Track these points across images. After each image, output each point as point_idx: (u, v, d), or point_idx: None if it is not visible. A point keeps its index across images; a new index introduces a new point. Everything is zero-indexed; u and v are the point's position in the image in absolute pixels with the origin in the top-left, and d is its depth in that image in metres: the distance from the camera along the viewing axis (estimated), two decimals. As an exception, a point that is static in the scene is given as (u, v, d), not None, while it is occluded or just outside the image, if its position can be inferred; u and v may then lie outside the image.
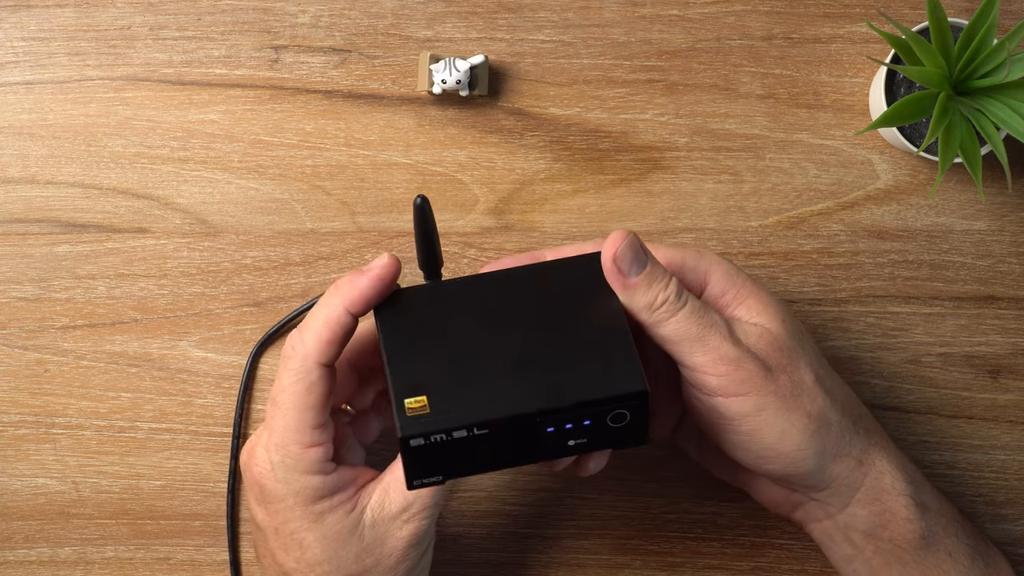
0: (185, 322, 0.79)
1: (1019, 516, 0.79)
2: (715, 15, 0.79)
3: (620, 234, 0.65)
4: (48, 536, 0.79)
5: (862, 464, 0.68)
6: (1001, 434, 0.79)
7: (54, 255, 0.79)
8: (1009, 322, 0.79)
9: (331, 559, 0.66)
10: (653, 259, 0.65)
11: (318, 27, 0.79)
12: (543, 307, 0.65)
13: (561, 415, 0.62)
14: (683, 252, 0.69)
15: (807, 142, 0.79)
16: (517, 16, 0.79)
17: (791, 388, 0.66)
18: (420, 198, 0.63)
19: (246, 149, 0.79)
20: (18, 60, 0.79)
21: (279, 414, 0.65)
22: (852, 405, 0.69)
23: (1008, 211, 0.79)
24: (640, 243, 0.65)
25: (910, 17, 0.79)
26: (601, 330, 0.65)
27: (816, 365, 0.68)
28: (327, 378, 0.65)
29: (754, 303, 0.68)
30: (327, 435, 0.66)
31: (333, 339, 0.65)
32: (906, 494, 0.68)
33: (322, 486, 0.66)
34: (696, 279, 0.68)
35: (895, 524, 0.68)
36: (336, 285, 0.65)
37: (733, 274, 0.68)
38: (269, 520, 0.67)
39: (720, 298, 0.68)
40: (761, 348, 0.66)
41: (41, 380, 0.79)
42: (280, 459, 0.66)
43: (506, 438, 0.62)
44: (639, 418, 0.63)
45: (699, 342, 0.65)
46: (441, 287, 0.67)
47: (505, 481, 0.80)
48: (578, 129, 0.79)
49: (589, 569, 0.80)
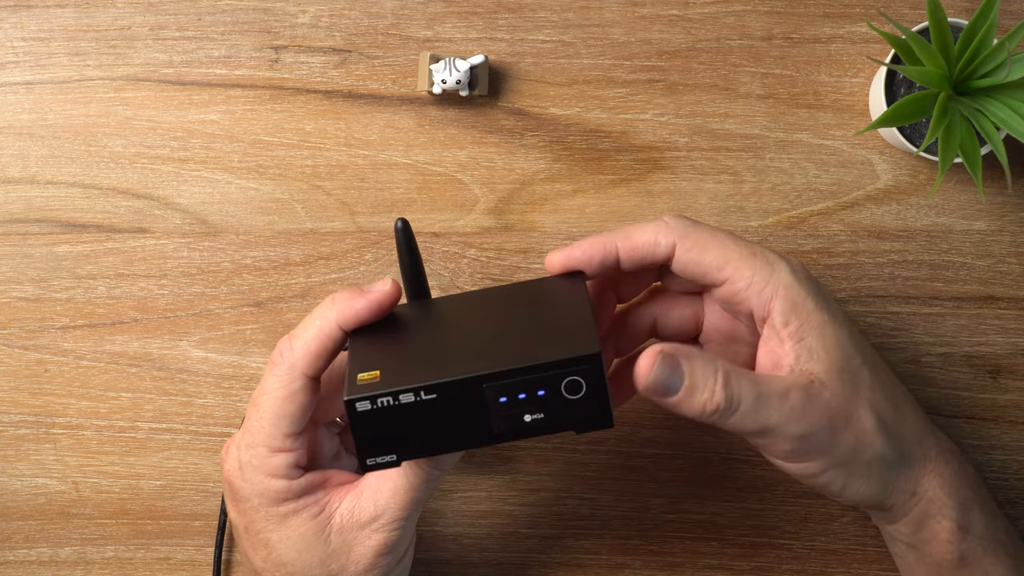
0: (185, 322, 0.79)
1: (1019, 516, 0.79)
2: (715, 15, 0.79)
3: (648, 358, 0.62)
4: (48, 536, 0.79)
5: (914, 495, 0.68)
6: (1001, 434, 0.79)
7: (54, 255, 0.79)
8: (1009, 322, 0.79)
9: (295, 561, 0.66)
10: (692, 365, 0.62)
11: (318, 27, 0.79)
12: (515, 311, 0.65)
13: (510, 379, 0.60)
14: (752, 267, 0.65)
15: (807, 142, 0.79)
16: (517, 16, 0.79)
17: (853, 445, 0.65)
18: (401, 221, 0.64)
19: (246, 149, 0.79)
20: (18, 60, 0.79)
21: (256, 415, 0.66)
22: (913, 433, 0.68)
23: (1008, 211, 0.79)
24: (672, 359, 0.62)
25: (910, 17, 0.79)
26: (564, 310, 0.63)
27: (876, 402, 0.66)
28: (309, 389, 0.65)
29: (814, 343, 0.65)
30: (300, 444, 0.66)
31: (321, 352, 0.65)
32: (950, 519, 0.68)
33: (286, 489, 0.66)
34: (761, 302, 0.65)
35: (936, 544, 0.69)
36: (333, 299, 0.65)
37: (799, 303, 0.65)
38: (239, 519, 0.68)
39: (783, 329, 0.65)
40: (824, 409, 0.64)
41: (41, 380, 0.79)
42: (248, 459, 0.66)
43: (457, 409, 0.60)
44: (596, 389, 0.60)
45: (762, 433, 0.64)
46: (423, 303, 0.68)
47: (505, 481, 0.80)
48: (578, 129, 0.79)
49: (589, 569, 0.80)
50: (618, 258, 0.66)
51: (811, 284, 0.66)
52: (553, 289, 0.67)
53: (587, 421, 0.61)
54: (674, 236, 0.66)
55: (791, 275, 0.65)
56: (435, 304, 0.68)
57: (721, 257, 0.65)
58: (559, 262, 0.66)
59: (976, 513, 0.69)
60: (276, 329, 0.79)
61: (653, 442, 0.79)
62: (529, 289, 0.68)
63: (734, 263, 0.65)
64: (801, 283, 0.65)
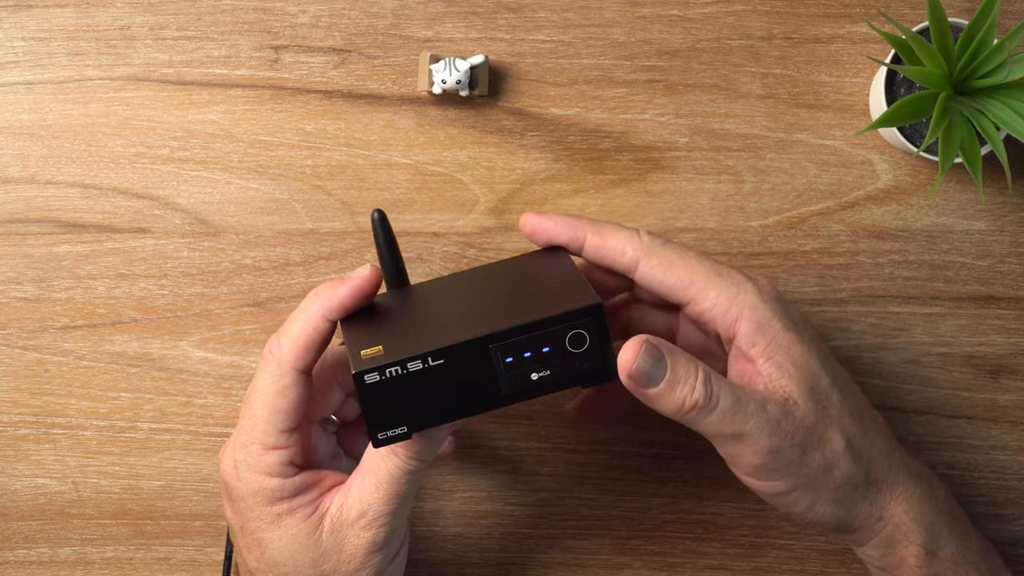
0: (185, 322, 0.79)
1: (1019, 516, 0.79)
2: (715, 15, 0.79)
3: (632, 346, 0.62)
4: (48, 536, 0.79)
5: (880, 519, 0.68)
6: (1001, 434, 0.79)
7: (54, 255, 0.79)
8: (1009, 322, 0.79)
9: (288, 561, 0.66)
10: (675, 359, 0.63)
11: (318, 27, 0.79)
12: (506, 281, 0.66)
13: (516, 337, 0.61)
14: (717, 288, 0.65)
15: (807, 142, 0.79)
16: (517, 16, 0.79)
17: (822, 466, 0.65)
18: (377, 212, 0.65)
19: (246, 149, 0.79)
20: (18, 60, 0.79)
21: (249, 413, 0.66)
22: (881, 457, 0.68)
23: (1008, 211, 0.79)
24: (655, 349, 0.63)
25: (910, 17, 0.79)
26: (555, 275, 0.65)
27: (845, 425, 0.66)
28: (301, 384, 0.66)
29: (783, 361, 0.65)
30: (294, 441, 0.66)
31: (309, 345, 0.65)
32: (917, 543, 0.68)
33: (280, 488, 0.66)
34: (727, 323, 0.65)
35: (903, 568, 0.68)
36: (316, 291, 0.66)
37: (766, 324, 0.65)
38: (235, 518, 0.68)
39: (749, 349, 0.65)
40: (795, 428, 0.64)
41: (41, 380, 0.79)
42: (243, 458, 0.66)
43: (465, 373, 0.61)
44: (599, 340, 0.62)
45: (734, 439, 0.64)
46: (406, 290, 0.68)
47: (505, 481, 0.80)
48: (578, 129, 0.79)
49: (589, 569, 0.80)
50: (582, 247, 0.67)
51: (778, 305, 0.66)
52: (539, 261, 0.68)
53: (592, 376, 0.62)
54: (641, 252, 0.66)
55: (757, 296, 0.65)
56: (420, 288, 0.68)
57: (685, 277, 0.66)
58: (530, 224, 0.68)
59: (944, 537, 0.69)
60: (276, 329, 0.79)
61: (653, 442, 0.79)
62: (514, 264, 0.69)
63: (699, 283, 0.65)
64: (767, 304, 0.65)
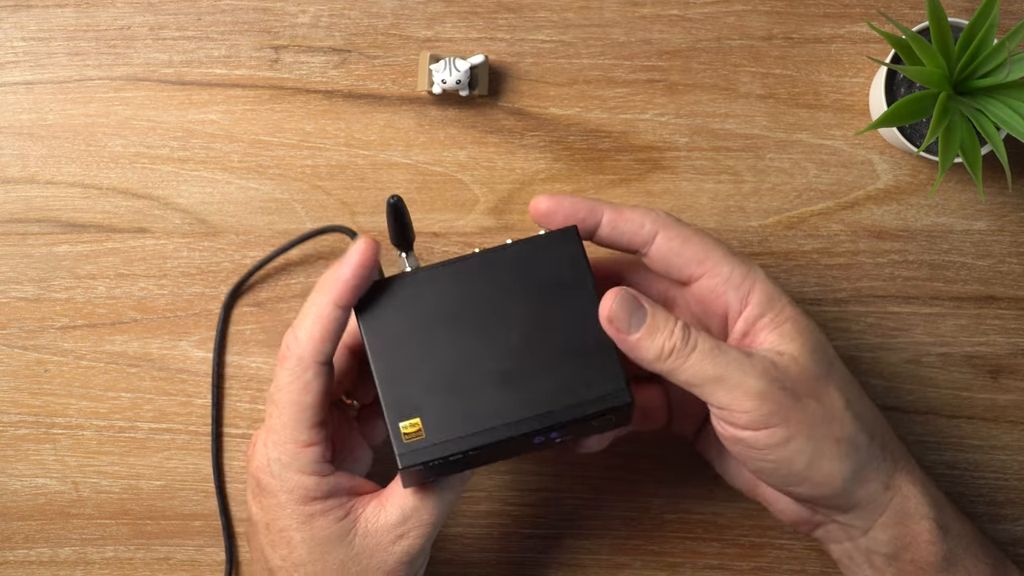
0: (185, 322, 0.79)
1: (1019, 516, 0.79)
2: (715, 15, 0.79)
3: (611, 293, 0.64)
4: (48, 536, 0.79)
5: (888, 488, 0.67)
6: (1001, 434, 0.79)
7: (54, 255, 0.79)
8: (1009, 322, 0.79)
9: (315, 561, 0.66)
10: (652, 306, 0.65)
11: (318, 27, 0.79)
12: (523, 300, 0.66)
13: (550, 431, 0.65)
14: (731, 264, 0.67)
15: (807, 142, 0.79)
16: (517, 16, 0.79)
17: (820, 414, 0.65)
18: (395, 197, 0.64)
19: (246, 149, 0.79)
20: (18, 60, 0.79)
21: (276, 412, 0.66)
22: (881, 429, 0.68)
23: (1008, 211, 0.79)
24: (634, 297, 0.64)
25: (910, 17, 0.79)
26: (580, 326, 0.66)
27: (846, 389, 0.67)
28: (323, 375, 0.65)
29: (790, 328, 0.66)
30: (324, 434, 0.66)
31: (326, 336, 0.65)
32: (929, 517, 0.67)
33: (316, 487, 0.66)
34: (738, 297, 0.67)
35: (917, 547, 0.68)
36: (321, 281, 0.65)
37: (775, 297, 0.67)
38: (262, 515, 0.67)
39: (758, 320, 0.67)
40: (788, 376, 0.65)
41: (41, 380, 0.79)
42: (277, 456, 0.66)
43: (498, 451, 0.65)
44: (624, 417, 0.67)
45: (718, 382, 0.64)
46: (418, 276, 0.66)
47: (505, 481, 0.80)
48: (578, 129, 0.79)
49: (589, 569, 0.80)
50: (599, 224, 0.68)
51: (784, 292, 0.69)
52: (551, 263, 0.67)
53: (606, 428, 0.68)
54: (659, 225, 0.68)
55: (766, 274, 0.68)
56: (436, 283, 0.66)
57: (702, 252, 0.67)
58: (544, 207, 0.68)
59: (950, 513, 0.69)
60: (276, 329, 0.79)
61: (653, 442, 0.79)
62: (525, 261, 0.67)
63: (714, 258, 0.67)
64: (775, 283, 0.68)
